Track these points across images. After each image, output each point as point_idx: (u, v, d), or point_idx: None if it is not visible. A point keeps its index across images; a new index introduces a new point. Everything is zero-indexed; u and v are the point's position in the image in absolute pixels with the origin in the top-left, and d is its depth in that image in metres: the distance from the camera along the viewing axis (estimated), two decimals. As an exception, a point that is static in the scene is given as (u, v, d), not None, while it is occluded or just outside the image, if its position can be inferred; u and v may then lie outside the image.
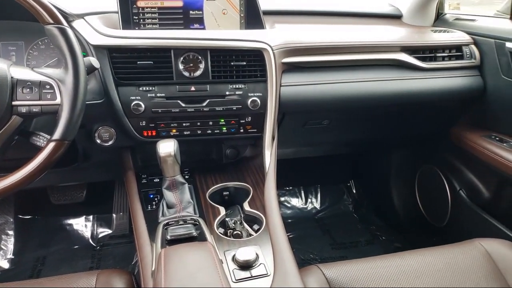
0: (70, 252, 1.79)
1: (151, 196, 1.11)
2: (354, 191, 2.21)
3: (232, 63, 1.12)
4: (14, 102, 0.82)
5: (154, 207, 1.06)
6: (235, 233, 0.97)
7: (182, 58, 1.09)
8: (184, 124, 1.13)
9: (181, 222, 0.92)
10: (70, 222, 1.91)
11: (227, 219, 1.00)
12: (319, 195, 2.18)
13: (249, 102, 1.13)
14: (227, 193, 1.15)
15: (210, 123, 1.15)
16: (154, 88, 1.08)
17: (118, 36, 1.07)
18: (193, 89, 1.11)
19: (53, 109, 0.84)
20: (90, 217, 1.93)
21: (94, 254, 1.78)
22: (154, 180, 1.17)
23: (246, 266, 0.82)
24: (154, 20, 1.19)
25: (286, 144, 1.53)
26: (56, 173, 1.36)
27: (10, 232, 1.80)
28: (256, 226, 1.01)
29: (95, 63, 0.93)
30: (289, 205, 2.15)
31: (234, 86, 1.13)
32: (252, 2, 1.22)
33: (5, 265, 1.70)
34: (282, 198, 2.16)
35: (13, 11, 1.06)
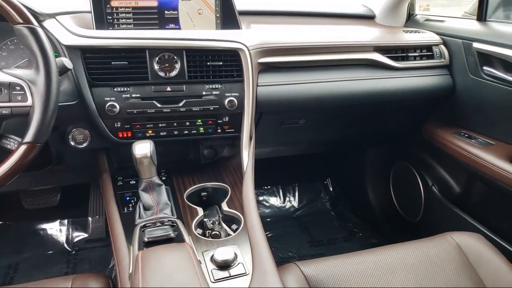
0: (44, 257, 1.74)
1: (128, 198, 1.09)
2: (331, 189, 2.25)
3: (208, 63, 1.12)
4: None
5: (130, 210, 1.05)
6: (214, 233, 0.96)
7: (157, 58, 1.08)
8: (160, 125, 1.12)
9: (158, 224, 0.91)
10: (44, 226, 1.86)
11: (205, 220, 1.00)
12: (297, 194, 2.21)
13: (226, 102, 1.13)
14: (205, 193, 1.15)
15: (187, 124, 1.14)
16: (129, 88, 1.07)
17: (92, 36, 1.05)
18: (169, 89, 1.10)
19: (24, 111, 0.82)
20: (65, 221, 1.88)
21: (70, 259, 1.74)
22: (130, 182, 1.16)
23: (224, 266, 0.82)
24: (129, 20, 1.18)
25: (263, 143, 1.54)
26: (28, 176, 1.32)
27: (-19, 238, 1.75)
28: (234, 226, 1.01)
29: (68, 64, 0.91)
30: (267, 204, 2.16)
31: (210, 86, 1.13)
32: (227, 2, 1.22)
33: (-25, 272, 1.65)
34: (261, 198, 2.17)
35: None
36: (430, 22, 1.55)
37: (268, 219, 2.07)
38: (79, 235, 1.86)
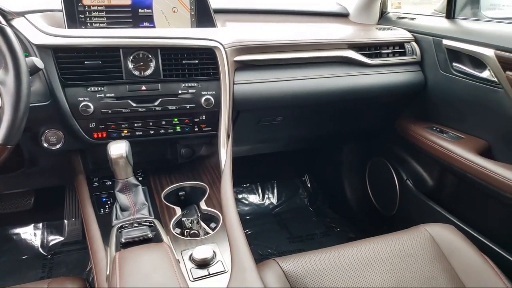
0: (18, 263, 1.70)
1: (104, 199, 1.08)
2: (309, 185, 2.27)
3: (183, 62, 1.11)
4: None
5: (107, 211, 1.03)
6: (192, 232, 0.96)
7: (131, 57, 1.07)
8: (135, 124, 1.11)
9: (135, 225, 0.90)
10: (17, 231, 1.81)
11: (184, 219, 1.00)
12: (276, 191, 2.22)
13: (202, 100, 1.13)
14: (183, 193, 1.15)
15: (163, 123, 1.13)
16: (103, 88, 1.05)
17: (63, 35, 1.03)
18: (144, 88, 1.09)
19: (-8, 112, 0.79)
20: (40, 224, 1.84)
21: (45, 263, 1.70)
22: (106, 183, 1.14)
23: (203, 264, 0.82)
24: (102, 18, 1.16)
25: (241, 141, 1.54)
26: (0, 179, 1.29)
27: (-49, 245, 1.69)
28: (213, 224, 1.01)
29: (39, 64, 0.89)
30: (246, 202, 2.17)
31: (186, 85, 1.12)
32: (202, 1, 1.21)
33: None
34: (240, 195, 2.17)
35: None
36: (402, 20, 1.59)
37: (247, 217, 2.07)
38: (55, 239, 1.82)
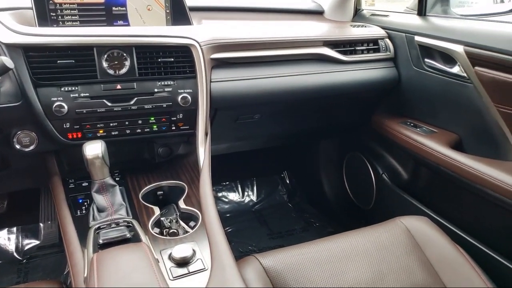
0: (-9, 268, 1.66)
1: (80, 201, 1.06)
2: (288, 182, 2.29)
3: (159, 60, 1.10)
4: None
5: (84, 212, 1.02)
6: (171, 231, 0.96)
7: (105, 56, 1.05)
8: (111, 124, 1.09)
9: (113, 225, 0.89)
10: (-10, 236, 1.77)
11: (162, 219, 0.99)
12: (255, 188, 2.23)
13: (179, 98, 1.12)
14: (161, 192, 1.14)
15: (140, 122, 1.12)
16: (77, 88, 1.03)
17: (34, 34, 1.00)
18: (119, 87, 1.07)
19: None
20: (14, 228, 1.79)
21: (20, 268, 1.66)
22: (82, 184, 1.12)
23: (183, 263, 0.82)
24: (74, 17, 1.14)
25: (219, 139, 1.54)
26: (-30, 184, 1.25)
27: None
28: (192, 223, 1.01)
29: (8, 63, 0.87)
30: (226, 200, 2.17)
31: (162, 83, 1.11)
32: (177, -2, 1.21)
33: None
34: (219, 194, 2.17)
35: None
36: (376, 17, 1.62)
37: (227, 215, 2.08)
38: (30, 243, 1.78)
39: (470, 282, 0.96)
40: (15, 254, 1.73)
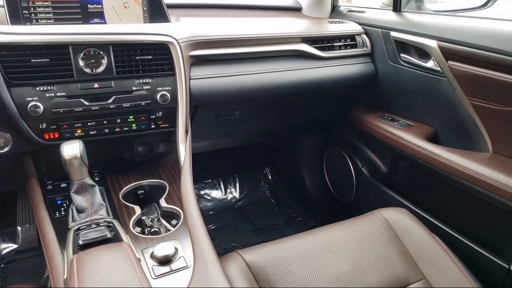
0: (-32, 274, 1.61)
1: (59, 202, 1.04)
2: (270, 177, 2.30)
3: (137, 58, 1.09)
4: None
5: (63, 214, 1.00)
6: (153, 230, 0.96)
7: (82, 54, 1.03)
8: (89, 123, 1.08)
9: (93, 226, 0.88)
10: (-35, 241, 1.72)
11: (144, 218, 0.99)
12: (238, 185, 2.24)
13: (158, 96, 1.12)
14: (142, 191, 1.13)
15: (118, 121, 1.11)
16: (53, 87, 1.02)
17: (6, 32, 0.98)
18: (96, 86, 1.06)
19: None
20: None
21: (-2, 273, 1.63)
22: (61, 185, 1.10)
23: (165, 261, 0.82)
24: (48, 14, 1.11)
25: (200, 137, 1.54)
26: None
27: None
28: (174, 221, 1.00)
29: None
30: (209, 197, 2.16)
31: (141, 81, 1.10)
32: (154, -5, 1.20)
33: None
34: (202, 192, 2.17)
35: None
36: (353, 13, 1.64)
37: (210, 212, 2.07)
38: (8, 247, 1.74)
39: (446, 270, 0.99)
40: (-8, 259, 1.69)
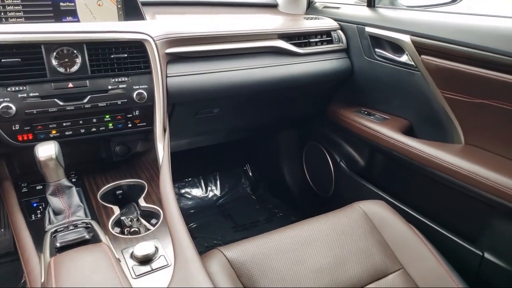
0: None
1: (35, 205, 1.02)
2: (251, 174, 2.31)
3: (112, 56, 1.08)
4: None
5: (39, 216, 0.98)
6: (132, 230, 0.95)
7: (55, 54, 1.01)
8: (64, 124, 1.06)
9: (71, 227, 0.87)
10: None
11: (123, 218, 0.98)
12: (218, 182, 2.23)
13: (134, 95, 1.10)
14: (120, 191, 1.12)
15: (94, 121, 1.09)
16: (25, 87, 0.99)
17: (-26, 32, 0.95)
18: (70, 85, 1.04)
19: None
20: None
21: (-27, 280, 1.58)
22: (36, 187, 1.08)
23: (145, 260, 0.81)
24: (18, 13, 1.08)
25: (179, 135, 1.53)
26: None
27: None
28: (154, 221, 1.00)
29: None
30: (189, 196, 2.15)
31: (116, 80, 1.09)
32: (128, -7, 1.18)
33: None
34: (182, 190, 2.15)
35: None
36: (328, 9, 1.65)
37: (191, 211, 2.06)
38: (-18, 253, 1.69)
39: (423, 259, 1.02)
40: (-34, 266, 1.64)
